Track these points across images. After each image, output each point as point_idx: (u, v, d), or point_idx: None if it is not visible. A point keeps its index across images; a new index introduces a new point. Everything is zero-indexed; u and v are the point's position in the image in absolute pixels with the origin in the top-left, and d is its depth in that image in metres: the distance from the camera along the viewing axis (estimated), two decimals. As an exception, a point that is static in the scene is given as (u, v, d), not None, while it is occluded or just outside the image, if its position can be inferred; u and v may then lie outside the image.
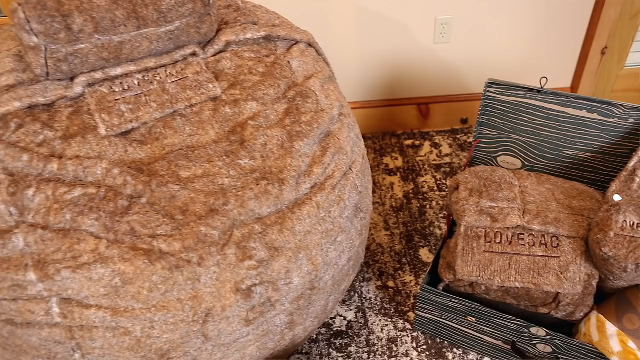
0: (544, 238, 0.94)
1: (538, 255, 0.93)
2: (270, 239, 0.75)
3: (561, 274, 0.91)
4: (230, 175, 0.77)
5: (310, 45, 0.99)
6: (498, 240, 0.95)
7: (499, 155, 1.19)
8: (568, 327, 1.00)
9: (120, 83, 0.82)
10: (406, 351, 1.09)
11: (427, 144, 1.65)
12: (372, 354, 1.08)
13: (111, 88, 0.80)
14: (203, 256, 0.71)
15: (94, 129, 0.77)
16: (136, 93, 0.81)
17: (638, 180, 1.00)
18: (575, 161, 1.12)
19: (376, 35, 1.52)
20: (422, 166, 1.55)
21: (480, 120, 1.18)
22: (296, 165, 0.79)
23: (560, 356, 0.96)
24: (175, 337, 0.72)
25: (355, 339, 1.12)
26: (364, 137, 1.68)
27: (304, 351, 1.09)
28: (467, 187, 1.00)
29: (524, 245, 0.94)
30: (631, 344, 0.88)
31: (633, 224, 0.86)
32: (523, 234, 0.95)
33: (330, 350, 1.09)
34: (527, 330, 0.96)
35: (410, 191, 1.47)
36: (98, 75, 0.80)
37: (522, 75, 1.65)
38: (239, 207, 0.74)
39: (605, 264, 0.88)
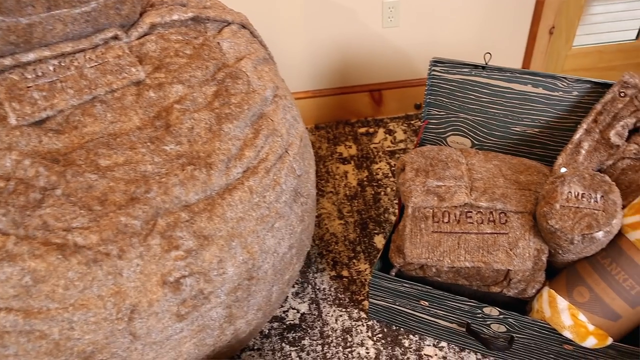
0: (492, 215, 0.91)
1: (487, 233, 0.91)
2: (199, 226, 0.70)
3: (510, 250, 0.89)
4: (154, 162, 0.72)
5: (243, 26, 0.95)
6: (446, 219, 0.92)
7: (448, 136, 1.17)
8: (522, 306, 0.98)
9: (34, 69, 0.76)
10: (361, 341, 1.06)
11: (381, 131, 1.62)
12: (327, 346, 1.05)
13: (22, 75, 0.75)
14: (124, 248, 0.66)
15: (3, 119, 0.71)
16: (51, 79, 0.76)
17: (584, 152, 0.98)
18: (524, 137, 1.11)
19: (324, 22, 1.48)
20: (376, 153, 1.52)
21: (428, 100, 1.15)
22: (225, 149, 0.75)
23: (514, 335, 0.94)
24: (98, 338, 0.66)
25: (309, 331, 1.08)
26: (317, 127, 1.64)
27: (255, 347, 1.05)
28: (413, 167, 0.97)
29: (472, 223, 0.91)
30: (582, 317, 0.87)
31: (578, 194, 0.84)
32: (471, 212, 0.92)
33: (283, 344, 1.05)
34: (480, 311, 0.94)
35: (365, 179, 1.43)
36: (7, 61, 0.74)
37: (473, 58, 1.64)
38: (163, 195, 0.69)
39: (553, 237, 0.85)
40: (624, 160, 0.97)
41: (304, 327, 1.09)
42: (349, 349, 1.04)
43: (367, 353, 1.04)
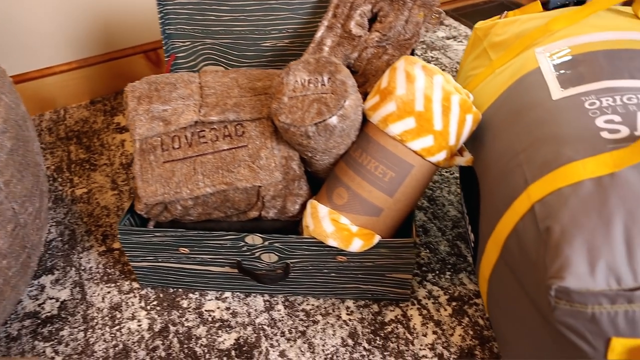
0: (227, 128, 0.79)
1: (224, 150, 0.78)
2: None
3: (253, 163, 0.78)
4: None
5: None
6: (176, 145, 0.79)
7: (200, 68, 1.04)
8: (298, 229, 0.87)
9: None
10: (132, 314, 0.89)
11: (166, 93, 1.46)
12: (90, 330, 0.87)
13: None
14: None
15: None
16: None
17: (327, 49, 0.90)
18: (276, 51, 1.00)
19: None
20: (160, 116, 1.36)
21: (166, 31, 1.01)
22: None
23: (288, 262, 0.83)
24: None
25: (69, 319, 0.89)
26: (92, 102, 1.45)
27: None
28: (134, 96, 0.82)
29: (206, 142, 0.79)
30: (344, 220, 0.77)
31: (304, 81, 0.75)
32: (204, 131, 0.79)
33: (36, 342, 0.86)
34: (242, 242, 0.81)
35: (146, 144, 1.27)
36: None
37: None
38: None
39: (291, 136, 0.75)
40: (367, 50, 0.89)
41: (63, 316, 0.90)
42: (117, 327, 0.87)
43: (140, 326, 0.88)
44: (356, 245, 0.77)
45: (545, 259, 0.57)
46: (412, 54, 0.91)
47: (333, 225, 0.77)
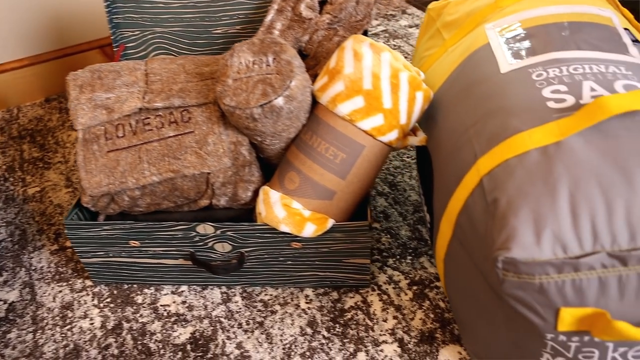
0: (172, 115, 0.76)
1: (170, 137, 0.76)
2: None
3: (200, 149, 0.75)
4: None
5: None
6: (121, 133, 0.76)
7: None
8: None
9: None
10: (84, 312, 0.86)
11: (125, 89, 1.42)
12: (40, 331, 0.84)
13: None
14: None
15: None
16: None
17: (277, 32, 0.88)
18: (228, 39, 0.98)
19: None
20: (117, 112, 1.33)
21: (114, 20, 0.98)
22: None
23: (243, 251, 0.81)
24: None
25: (18, 321, 0.86)
26: (47, 100, 1.40)
27: (-58, 360, 0.81)
28: (76, 84, 0.79)
29: (151, 130, 0.76)
30: (296, 205, 0.75)
31: (249, 62, 0.72)
32: (149, 118, 0.77)
33: (-18, 346, 0.83)
34: (194, 232, 0.79)
35: (102, 140, 1.23)
36: None
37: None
38: None
39: (237, 119, 0.73)
40: (318, 33, 0.87)
41: (11, 318, 0.86)
42: (68, 327, 0.84)
43: (92, 324, 0.84)
44: (309, 230, 0.75)
45: (492, 232, 0.56)
46: (365, 35, 0.90)
47: (285, 211, 0.75)
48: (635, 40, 0.71)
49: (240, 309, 0.85)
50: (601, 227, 0.52)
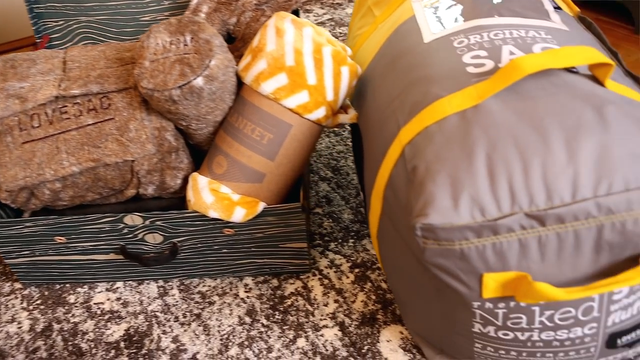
0: (91, 102, 0.73)
1: (89, 125, 0.72)
2: None
3: (122, 136, 0.72)
4: None
5: None
6: (36, 123, 0.72)
7: (78, 49, 0.97)
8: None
9: None
10: (12, 317, 0.82)
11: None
12: (-36, 338, 0.79)
13: None
14: None
15: None
16: None
17: (203, 15, 0.85)
18: (157, 26, 0.95)
19: None
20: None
21: (34, 10, 0.94)
22: None
23: (175, 241, 0.78)
24: None
25: (-59, 329, 0.81)
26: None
27: None
28: (-13, 75, 0.75)
29: (69, 118, 0.72)
30: (224, 189, 0.73)
31: (166, 42, 0.70)
32: (66, 106, 0.73)
33: None
34: (122, 224, 0.75)
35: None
36: None
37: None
38: None
39: (157, 103, 0.70)
40: (246, 14, 0.85)
41: None
42: (-6, 332, 0.80)
43: (20, 328, 0.80)
44: (239, 215, 0.73)
45: (411, 199, 0.54)
46: (296, 15, 0.88)
47: (213, 196, 0.72)
48: (557, 7, 0.71)
49: (177, 302, 0.81)
50: (518, 187, 0.50)
